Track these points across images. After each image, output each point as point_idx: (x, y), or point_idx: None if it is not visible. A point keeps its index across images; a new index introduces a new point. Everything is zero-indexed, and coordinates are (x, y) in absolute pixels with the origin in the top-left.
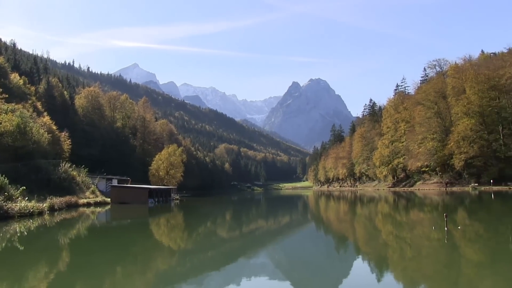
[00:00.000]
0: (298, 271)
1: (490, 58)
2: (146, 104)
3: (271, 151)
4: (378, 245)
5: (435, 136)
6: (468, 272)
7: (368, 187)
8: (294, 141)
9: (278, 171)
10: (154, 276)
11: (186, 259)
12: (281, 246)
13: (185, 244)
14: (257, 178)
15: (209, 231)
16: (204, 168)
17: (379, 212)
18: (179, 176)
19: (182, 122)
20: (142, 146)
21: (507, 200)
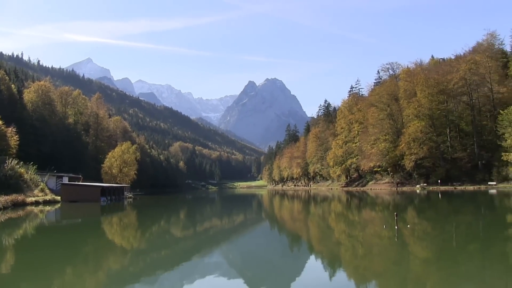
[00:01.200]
0: (252, 270)
1: (439, 63)
2: (100, 100)
3: (226, 150)
4: (331, 244)
5: (387, 137)
6: (416, 269)
7: (321, 186)
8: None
9: (233, 170)
10: (105, 276)
11: (139, 258)
12: (236, 245)
13: (138, 243)
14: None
15: (162, 230)
16: (159, 166)
17: (332, 211)
18: (133, 174)
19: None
20: (95, 143)
21: (453, 199)
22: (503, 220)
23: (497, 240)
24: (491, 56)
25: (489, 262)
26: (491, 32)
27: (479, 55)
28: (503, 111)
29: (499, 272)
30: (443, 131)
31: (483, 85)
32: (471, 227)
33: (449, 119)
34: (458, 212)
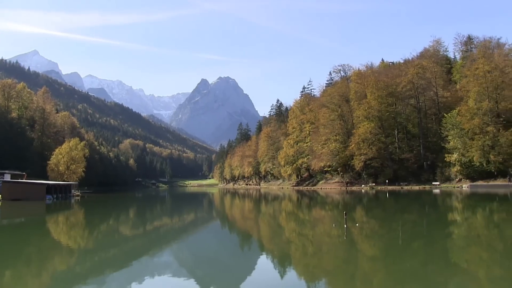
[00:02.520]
0: (203, 269)
1: (389, 66)
2: (47, 95)
3: (178, 148)
4: (282, 242)
5: (338, 137)
6: (364, 266)
7: (273, 185)
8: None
9: (184, 168)
10: (50, 277)
11: (86, 258)
12: (186, 244)
13: (85, 243)
14: (162, 174)
15: (111, 229)
16: (108, 164)
17: (283, 210)
18: (81, 171)
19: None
20: (41, 139)
21: (400, 198)
22: (445, 218)
23: (439, 238)
24: (437, 61)
25: (432, 258)
26: (437, 39)
27: (426, 60)
28: (447, 114)
29: (441, 268)
30: (391, 132)
31: (429, 89)
32: (415, 225)
33: (397, 121)
34: (404, 211)
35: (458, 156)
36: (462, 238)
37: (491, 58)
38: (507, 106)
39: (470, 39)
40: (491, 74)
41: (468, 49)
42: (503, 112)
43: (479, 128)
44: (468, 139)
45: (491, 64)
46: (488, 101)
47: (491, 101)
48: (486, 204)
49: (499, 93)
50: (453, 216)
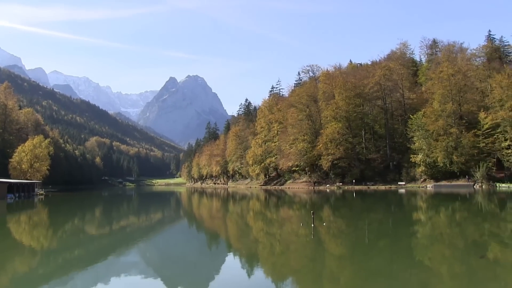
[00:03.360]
0: (170, 268)
1: (357, 68)
2: (9, 90)
3: (145, 146)
4: (249, 241)
5: (306, 137)
6: (331, 265)
7: (241, 184)
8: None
9: (152, 167)
10: (9, 279)
11: (49, 259)
12: (153, 243)
13: (49, 243)
14: (129, 173)
15: (76, 229)
16: (73, 162)
17: (250, 210)
18: (45, 169)
19: (51, 112)
20: (2, 136)
21: (366, 198)
22: (410, 217)
23: (404, 236)
24: (403, 64)
25: (397, 256)
26: (404, 42)
27: (393, 62)
28: (413, 116)
29: (405, 265)
30: (358, 133)
31: (395, 90)
32: (381, 224)
33: (364, 121)
34: (371, 210)
35: (423, 156)
36: (426, 236)
37: (454, 62)
38: (469, 109)
39: (435, 43)
40: (455, 77)
41: (433, 53)
42: (465, 114)
43: (443, 129)
44: (433, 140)
45: (455, 67)
46: (452, 103)
47: (454, 104)
48: (448, 203)
49: (462, 96)
50: (418, 215)
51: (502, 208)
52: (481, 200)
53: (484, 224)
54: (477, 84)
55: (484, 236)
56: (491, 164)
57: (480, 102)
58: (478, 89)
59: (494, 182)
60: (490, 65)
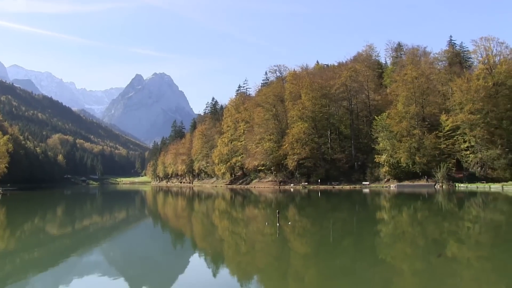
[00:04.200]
0: (134, 268)
1: (323, 69)
2: None
3: (110, 144)
4: (215, 241)
5: (272, 137)
6: (296, 264)
7: (206, 183)
8: (134, 135)
9: (116, 165)
10: None
11: (6, 260)
12: (117, 242)
13: (5, 243)
14: (93, 171)
15: (36, 228)
16: (34, 160)
17: (216, 209)
18: (3, 167)
19: (10, 107)
20: None
21: (331, 197)
22: (374, 216)
23: (368, 235)
24: (369, 66)
25: (361, 255)
26: (370, 45)
27: (359, 64)
28: (377, 117)
29: (369, 264)
30: (324, 133)
31: (361, 92)
32: (346, 224)
33: (330, 122)
34: (335, 209)
35: (387, 157)
36: (389, 235)
37: (418, 65)
38: (431, 111)
39: (400, 46)
40: (418, 80)
41: (398, 56)
42: (428, 116)
43: (406, 130)
44: (396, 141)
45: (418, 70)
46: (415, 105)
47: (417, 106)
48: (411, 203)
49: (425, 98)
50: (381, 215)
51: (460, 207)
52: (441, 199)
53: (443, 222)
54: (439, 87)
55: (444, 234)
56: (451, 165)
57: (442, 105)
58: (440, 92)
59: (453, 182)
60: (451, 69)
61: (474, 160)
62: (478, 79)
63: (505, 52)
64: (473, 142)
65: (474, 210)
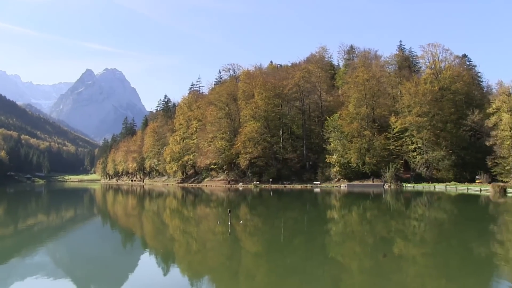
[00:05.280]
0: (82, 269)
1: (277, 69)
2: None
3: (57, 141)
4: (166, 240)
5: (224, 136)
6: (247, 262)
7: (157, 182)
8: (83, 132)
9: (64, 162)
10: None
11: None
12: (63, 242)
13: None
14: (39, 169)
15: None
16: None
17: (167, 207)
18: None
19: None
20: None
21: (282, 197)
22: (324, 215)
23: (319, 234)
24: (322, 67)
25: (311, 253)
26: (323, 46)
27: (312, 65)
28: (329, 117)
29: (319, 262)
30: (276, 132)
31: (313, 92)
32: (297, 223)
33: (282, 121)
34: (287, 208)
35: (338, 157)
36: (339, 234)
37: (369, 68)
38: (381, 113)
39: (352, 49)
40: (369, 82)
41: (350, 58)
42: (378, 118)
43: (357, 131)
44: (347, 141)
45: (370, 73)
46: (366, 107)
47: (368, 107)
48: (360, 202)
49: (375, 100)
50: (331, 214)
51: (407, 207)
52: (389, 199)
53: (391, 221)
54: (389, 90)
55: (391, 232)
56: (399, 166)
57: (391, 107)
58: (389, 95)
59: (401, 182)
60: (400, 73)
61: (420, 161)
62: (425, 83)
63: (450, 59)
64: (420, 143)
65: (419, 209)
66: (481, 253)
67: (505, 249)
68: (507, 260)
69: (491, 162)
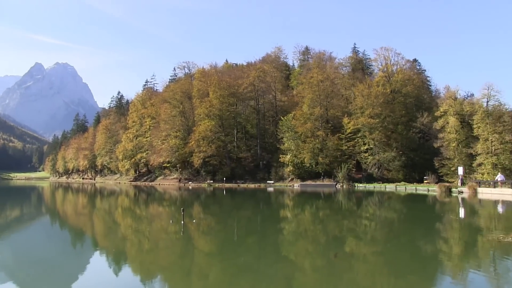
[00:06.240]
0: (27, 271)
1: (232, 67)
2: None
3: (3, 137)
4: (117, 239)
5: (178, 134)
6: (200, 262)
7: (109, 180)
8: (31, 128)
9: (10, 159)
10: None
11: None
12: (7, 243)
13: None
14: None
15: None
16: None
17: (119, 206)
18: None
19: None
20: None
21: (236, 196)
22: (277, 215)
23: (272, 233)
24: (277, 67)
25: (264, 252)
26: (278, 46)
27: (267, 65)
28: (283, 117)
29: (272, 261)
30: (231, 131)
31: (268, 92)
32: (250, 222)
33: (237, 121)
34: (240, 208)
35: (291, 157)
36: (292, 233)
37: (324, 69)
38: (334, 114)
39: (307, 50)
40: (323, 83)
41: (305, 59)
42: (331, 118)
43: (310, 132)
44: (301, 141)
45: (324, 74)
46: (320, 107)
47: (322, 108)
48: (313, 201)
49: (329, 101)
50: (285, 213)
51: (358, 206)
52: (341, 198)
53: (343, 220)
54: (342, 92)
55: (343, 231)
56: (351, 166)
57: (345, 108)
58: (343, 96)
59: (353, 182)
60: (354, 75)
61: (372, 162)
62: (378, 85)
63: (401, 62)
64: (371, 144)
65: (370, 208)
66: (428, 250)
67: (449, 246)
68: (450, 256)
69: (438, 163)
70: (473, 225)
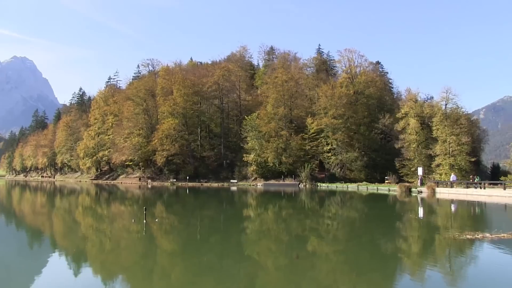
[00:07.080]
0: None
1: (197, 66)
2: None
3: None
4: (77, 239)
5: (141, 132)
6: (162, 261)
7: (70, 178)
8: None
9: None
10: None
11: None
12: None
13: None
14: None
15: None
16: None
17: (79, 205)
18: None
19: None
20: None
21: (199, 195)
22: (241, 214)
23: (235, 232)
24: (242, 66)
25: (227, 251)
26: (244, 46)
27: (232, 64)
28: (247, 117)
29: (235, 260)
30: (194, 130)
31: (233, 91)
32: (213, 221)
33: (201, 119)
34: (203, 207)
35: (255, 156)
36: (255, 232)
37: (288, 69)
38: (298, 114)
39: (272, 50)
40: (288, 83)
41: (270, 59)
42: (295, 118)
43: (274, 131)
44: (265, 141)
45: (288, 74)
46: (284, 107)
47: (286, 108)
48: (276, 201)
49: (293, 101)
50: (248, 212)
51: (321, 206)
52: (304, 198)
53: (306, 220)
54: (306, 92)
55: (306, 231)
56: (314, 166)
57: (308, 108)
58: (307, 96)
59: (316, 181)
60: (318, 76)
61: (335, 162)
62: (341, 86)
63: (365, 64)
64: (334, 145)
65: (333, 208)
66: (388, 248)
67: (408, 244)
68: (409, 254)
69: (399, 164)
70: (431, 224)
